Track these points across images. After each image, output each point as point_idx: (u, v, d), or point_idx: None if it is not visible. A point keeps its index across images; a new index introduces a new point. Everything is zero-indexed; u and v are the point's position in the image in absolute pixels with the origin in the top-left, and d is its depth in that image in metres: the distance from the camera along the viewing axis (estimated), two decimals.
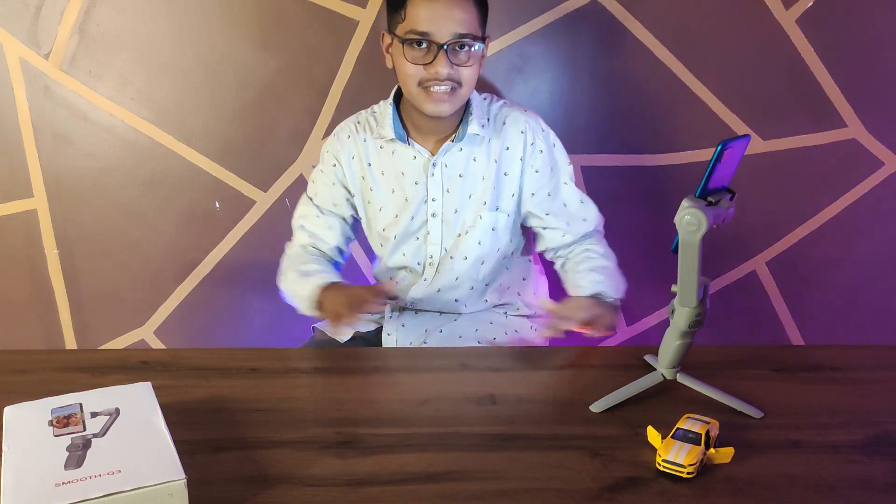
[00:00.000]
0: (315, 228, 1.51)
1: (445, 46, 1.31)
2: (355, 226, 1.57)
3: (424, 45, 1.33)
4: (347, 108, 1.77)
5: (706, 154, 1.80)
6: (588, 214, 1.50)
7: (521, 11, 1.71)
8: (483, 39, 1.37)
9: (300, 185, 1.82)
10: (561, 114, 1.77)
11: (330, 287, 1.39)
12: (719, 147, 0.90)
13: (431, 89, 1.34)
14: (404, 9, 1.33)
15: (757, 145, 1.79)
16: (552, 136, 1.49)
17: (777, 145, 1.80)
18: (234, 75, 1.75)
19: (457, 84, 1.35)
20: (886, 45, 1.73)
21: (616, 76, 1.77)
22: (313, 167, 1.81)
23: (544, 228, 1.50)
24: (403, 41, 1.33)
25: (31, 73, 1.74)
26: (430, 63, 1.33)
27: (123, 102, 1.76)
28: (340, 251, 1.54)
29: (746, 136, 0.95)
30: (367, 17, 1.71)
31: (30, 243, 1.86)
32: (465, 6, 1.32)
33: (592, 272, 1.41)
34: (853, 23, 1.71)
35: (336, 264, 1.54)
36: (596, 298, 1.37)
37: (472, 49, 1.34)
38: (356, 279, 1.88)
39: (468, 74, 1.36)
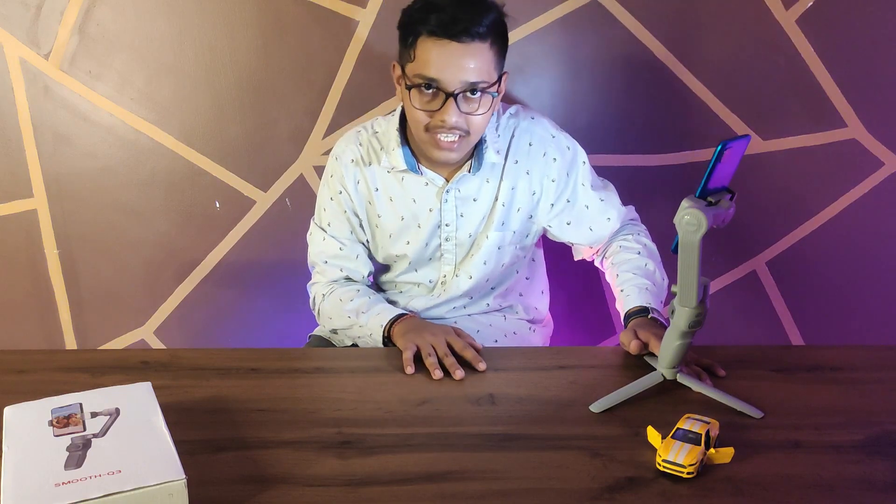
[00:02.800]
0: (342, 262, 1.45)
1: (455, 95, 1.25)
2: None
3: (432, 91, 1.26)
4: (347, 108, 1.77)
5: (706, 154, 1.79)
6: (610, 212, 1.46)
7: (521, 11, 1.71)
8: (499, 81, 1.30)
9: (300, 185, 1.82)
10: (561, 114, 1.76)
11: (404, 320, 1.30)
12: (719, 147, 0.90)
13: (438, 136, 1.29)
14: (414, 48, 1.26)
15: (757, 145, 1.79)
16: (563, 139, 1.44)
17: (777, 145, 1.80)
18: (234, 75, 1.75)
19: (464, 133, 1.29)
20: (886, 45, 1.73)
21: (616, 76, 1.77)
22: (315, 168, 1.82)
23: (571, 243, 1.49)
24: (410, 86, 1.28)
25: (31, 73, 1.74)
26: (437, 110, 1.27)
27: (123, 102, 1.76)
28: (369, 277, 1.49)
29: (746, 136, 0.95)
30: (367, 17, 1.71)
31: (30, 243, 1.86)
32: (479, 52, 1.24)
33: (636, 276, 1.35)
34: (853, 23, 1.71)
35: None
36: (644, 316, 1.28)
37: (484, 96, 1.28)
38: None
39: (478, 122, 1.29)
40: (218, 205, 1.84)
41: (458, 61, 1.24)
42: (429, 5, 1.25)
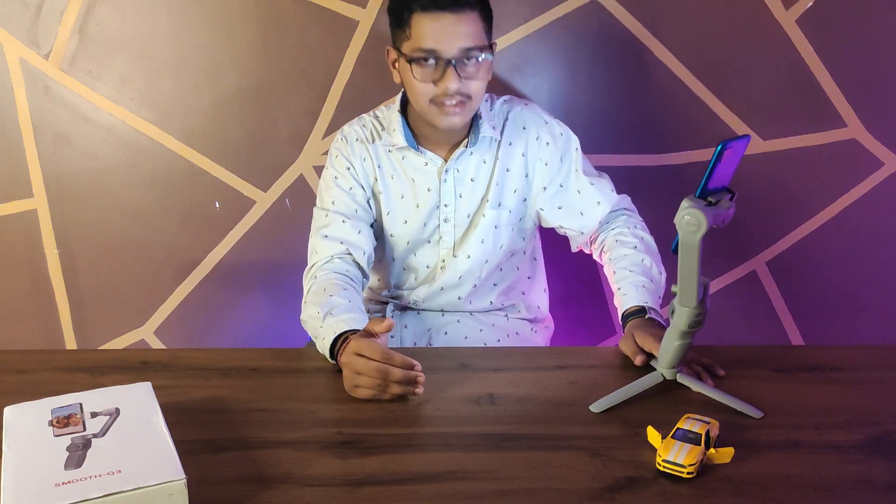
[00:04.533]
0: (344, 234, 1.38)
1: (453, 62, 1.30)
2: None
3: (432, 62, 1.31)
4: (347, 108, 1.77)
5: (706, 154, 1.79)
6: (600, 196, 1.47)
7: (521, 11, 1.71)
8: (490, 47, 1.35)
9: (300, 185, 1.83)
10: (561, 114, 1.76)
11: (354, 341, 1.10)
12: (719, 147, 0.90)
13: (443, 102, 1.33)
14: (409, 26, 1.31)
15: (757, 145, 1.79)
16: (556, 126, 1.47)
17: (777, 145, 1.80)
18: (234, 75, 1.75)
19: (466, 97, 1.33)
20: (886, 45, 1.73)
21: (616, 76, 1.77)
22: (315, 167, 1.82)
23: (562, 228, 1.50)
24: (411, 60, 1.32)
25: (31, 73, 1.74)
26: (439, 79, 1.31)
27: (123, 102, 1.76)
28: (370, 260, 1.41)
29: (746, 136, 0.95)
30: (367, 17, 1.71)
31: (30, 243, 1.86)
32: (470, 19, 1.31)
33: (633, 273, 1.35)
34: (853, 23, 1.71)
35: (364, 280, 1.40)
36: (641, 316, 1.26)
37: (480, 60, 1.33)
38: None
39: (477, 87, 1.34)
40: (218, 205, 1.84)
41: (452, 29, 1.29)
42: None
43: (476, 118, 1.42)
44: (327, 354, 1.17)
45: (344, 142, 1.46)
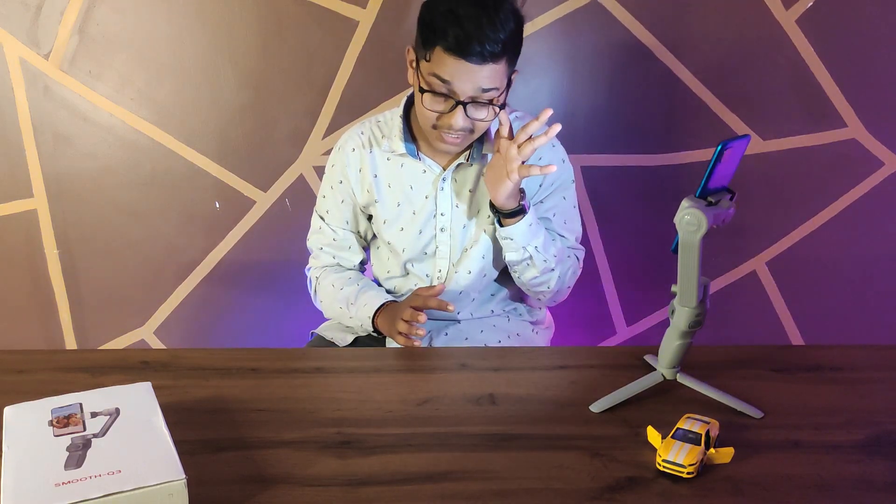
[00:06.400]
0: (335, 251, 1.50)
1: (465, 102, 1.28)
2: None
3: (443, 94, 1.28)
4: (347, 108, 1.77)
5: (706, 154, 1.80)
6: (567, 232, 1.48)
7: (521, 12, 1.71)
8: (508, 83, 1.33)
9: (300, 185, 1.83)
10: (561, 114, 1.76)
11: (383, 310, 1.39)
12: (719, 147, 0.90)
13: (443, 133, 1.32)
14: (431, 52, 1.27)
15: (757, 145, 1.79)
16: (561, 150, 1.46)
17: (777, 145, 1.80)
18: (234, 75, 1.75)
19: (469, 131, 1.32)
20: (886, 45, 1.73)
21: (616, 76, 1.77)
22: (315, 169, 1.82)
23: None
24: (423, 89, 1.29)
25: (31, 73, 1.74)
26: (446, 113, 1.29)
27: (123, 102, 1.76)
28: (363, 263, 1.54)
29: (746, 136, 0.95)
30: (367, 17, 1.71)
31: (30, 243, 1.86)
32: (492, 69, 1.26)
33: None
34: (853, 23, 1.72)
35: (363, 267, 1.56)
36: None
37: (492, 103, 1.30)
38: None
39: (483, 125, 1.33)
40: (218, 205, 1.84)
41: (470, 76, 1.26)
42: (449, 16, 1.24)
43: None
44: (371, 330, 1.41)
45: (340, 152, 1.47)
